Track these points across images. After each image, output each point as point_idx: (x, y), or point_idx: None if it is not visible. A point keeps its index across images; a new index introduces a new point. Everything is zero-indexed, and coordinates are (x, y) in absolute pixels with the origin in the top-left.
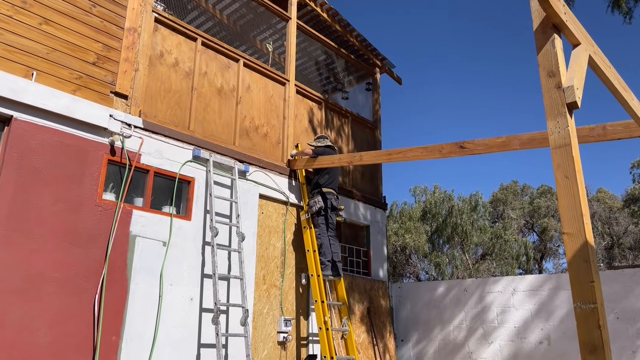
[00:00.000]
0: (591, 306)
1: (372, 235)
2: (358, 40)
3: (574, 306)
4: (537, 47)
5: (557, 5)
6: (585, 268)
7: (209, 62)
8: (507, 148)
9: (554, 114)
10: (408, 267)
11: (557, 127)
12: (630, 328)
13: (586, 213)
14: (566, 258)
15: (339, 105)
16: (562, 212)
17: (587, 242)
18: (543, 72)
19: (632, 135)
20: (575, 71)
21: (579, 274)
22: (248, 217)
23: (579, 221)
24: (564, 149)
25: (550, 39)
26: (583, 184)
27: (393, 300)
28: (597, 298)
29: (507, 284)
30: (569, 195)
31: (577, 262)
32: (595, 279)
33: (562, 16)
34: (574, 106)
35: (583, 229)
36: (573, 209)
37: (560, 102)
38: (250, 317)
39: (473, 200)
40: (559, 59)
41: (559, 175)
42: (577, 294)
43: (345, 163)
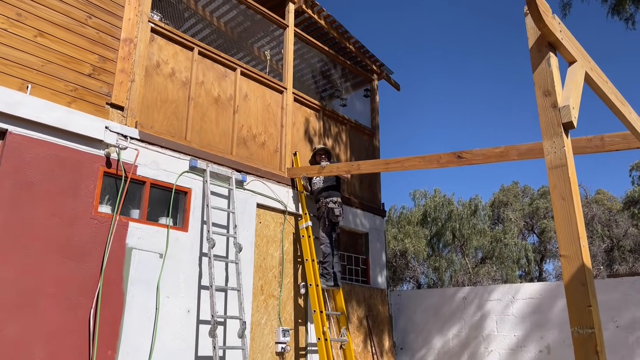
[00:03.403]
0: (589, 331)
1: (371, 242)
2: (355, 47)
3: (572, 330)
4: (533, 66)
5: (552, 24)
6: (583, 292)
7: (206, 71)
8: (505, 158)
9: (549, 134)
10: (408, 272)
11: (553, 147)
12: (630, 337)
13: (583, 235)
14: (563, 281)
15: (337, 113)
16: (559, 234)
17: (584, 265)
18: (539, 90)
19: (630, 146)
20: (571, 90)
21: (576, 298)
22: (246, 227)
23: (576, 244)
24: (560, 170)
25: (546, 58)
26: (580, 205)
27: (392, 308)
28: (594, 323)
29: (505, 291)
30: (565, 217)
31: (574, 286)
32: (592, 303)
33: (557, 34)
34: (570, 126)
35: (580, 252)
36: (569, 231)
37: (556, 121)
38: (248, 328)
39: (473, 204)
40: (554, 77)
41: (555, 196)
42: (574, 318)
43: (344, 172)
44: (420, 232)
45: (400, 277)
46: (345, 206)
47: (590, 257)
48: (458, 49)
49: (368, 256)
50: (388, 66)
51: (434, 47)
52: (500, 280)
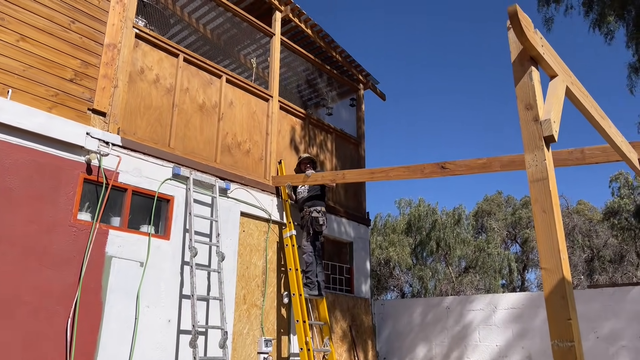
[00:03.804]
0: (568, 344)
1: (355, 251)
2: (342, 56)
3: (552, 343)
4: (515, 79)
5: (534, 39)
6: (563, 305)
7: (191, 78)
8: (488, 170)
9: (531, 147)
10: (392, 281)
11: (534, 161)
12: (611, 348)
13: (563, 249)
14: (544, 294)
15: (322, 121)
16: (540, 247)
17: (564, 278)
18: (521, 104)
19: (610, 159)
20: (553, 104)
21: (556, 311)
22: (229, 236)
23: (556, 257)
24: (541, 183)
25: (528, 72)
26: (560, 219)
27: (376, 317)
28: (574, 336)
29: (488, 301)
30: (546, 230)
31: (555, 299)
32: (572, 316)
33: (539, 49)
34: (551, 140)
35: (560, 265)
36: (550, 244)
37: (537, 135)
38: (229, 338)
39: (456, 213)
40: (536, 91)
41: (537, 209)
42: (554, 331)
43: (329, 181)
44: (405, 240)
45: (384, 286)
46: (330, 215)
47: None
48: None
49: (352, 265)
50: (374, 76)
51: (420, 58)
52: (484, 290)
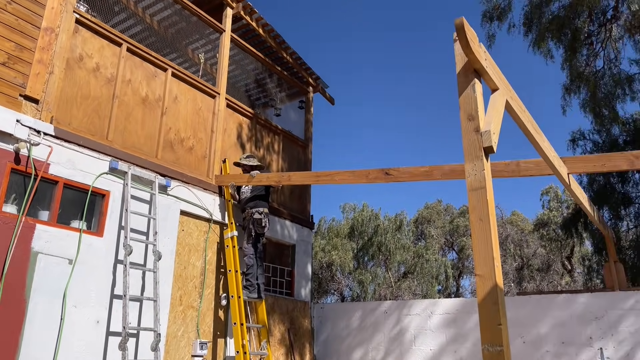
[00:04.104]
0: (498, 349)
1: (297, 254)
2: (293, 58)
3: (482, 348)
4: (459, 90)
5: (478, 52)
6: (495, 311)
7: (134, 69)
8: (430, 177)
9: (471, 157)
10: (333, 284)
11: (474, 170)
12: (536, 353)
13: (497, 257)
14: (477, 299)
15: (270, 122)
16: (475, 254)
17: (497, 285)
18: (463, 114)
19: (543, 173)
20: (493, 116)
21: (488, 316)
22: (167, 235)
23: (490, 264)
24: (479, 192)
25: (471, 84)
26: (495, 228)
27: (315, 321)
28: (503, 341)
29: (425, 307)
30: (482, 238)
31: (487, 305)
32: (502, 322)
33: (482, 62)
34: (490, 150)
35: (494, 272)
36: (485, 252)
37: (477, 145)
38: (162, 340)
39: (398, 219)
40: (478, 103)
41: (474, 218)
42: (485, 335)
43: (274, 182)
44: (348, 244)
45: (325, 289)
46: (274, 217)
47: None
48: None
49: (294, 268)
50: (324, 80)
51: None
52: (421, 295)
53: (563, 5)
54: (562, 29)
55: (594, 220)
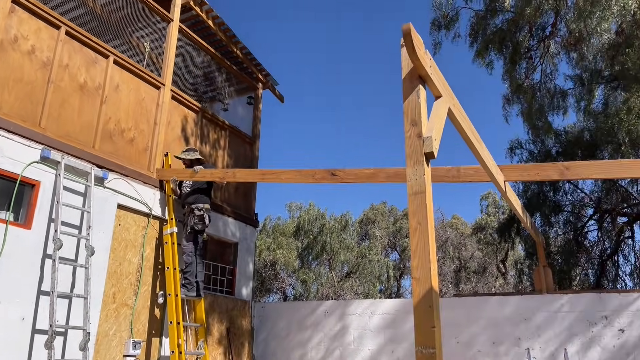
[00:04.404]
0: (431, 351)
1: (240, 253)
2: (243, 53)
3: (416, 350)
4: (404, 96)
5: (424, 59)
6: (429, 313)
7: (73, 54)
8: (375, 180)
9: (413, 162)
10: (276, 283)
11: (414, 174)
12: (468, 352)
13: (434, 260)
14: (413, 302)
15: (217, 117)
16: (413, 257)
17: (432, 288)
18: (407, 119)
19: (481, 179)
20: (435, 123)
21: (423, 319)
22: (102, 229)
23: (427, 268)
24: (419, 196)
25: (416, 90)
26: (433, 232)
27: (255, 320)
28: (436, 343)
29: (366, 307)
30: (420, 242)
31: (422, 308)
32: (436, 325)
33: (427, 69)
34: (431, 156)
35: (430, 276)
36: (422, 255)
37: (419, 150)
38: (92, 339)
39: (344, 219)
40: (421, 109)
41: (413, 221)
42: (419, 338)
43: (218, 179)
44: (293, 243)
45: (268, 288)
46: (217, 214)
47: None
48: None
49: (236, 267)
50: (275, 77)
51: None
52: (362, 295)
53: (506, 19)
54: (504, 42)
55: (526, 226)
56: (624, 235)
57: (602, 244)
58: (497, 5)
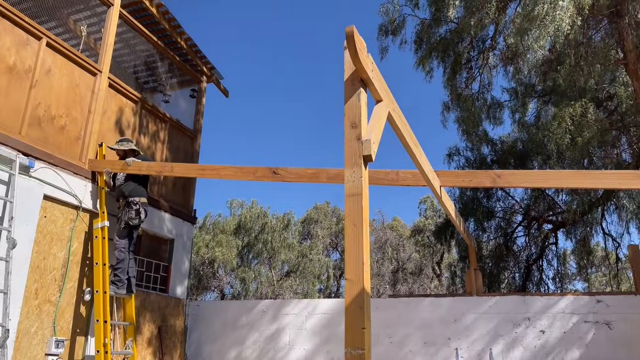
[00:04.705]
0: (359, 352)
1: (175, 249)
2: (187, 44)
3: (345, 351)
4: (345, 98)
5: (366, 62)
6: (360, 315)
7: (3, 34)
8: (316, 180)
9: (351, 164)
10: (214, 281)
11: (352, 176)
12: (400, 352)
13: (367, 262)
14: (345, 303)
15: (158, 108)
16: (347, 259)
17: (364, 289)
18: (347, 121)
19: (418, 183)
20: (374, 126)
21: (353, 320)
22: (26, 221)
23: (360, 269)
24: (355, 198)
25: (357, 92)
26: (368, 234)
27: (189, 319)
28: (365, 344)
29: (304, 306)
30: (354, 243)
31: (354, 309)
32: (366, 326)
33: (369, 73)
34: (369, 159)
35: (363, 277)
36: (356, 257)
37: (358, 153)
38: (12, 337)
39: (286, 218)
40: (362, 112)
41: (348, 223)
42: (349, 339)
43: (154, 172)
44: (233, 241)
45: (205, 286)
46: (153, 209)
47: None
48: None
49: (171, 264)
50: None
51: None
52: (302, 294)
53: (450, 30)
54: (447, 51)
55: (459, 230)
56: (548, 242)
57: (528, 249)
58: (442, 16)
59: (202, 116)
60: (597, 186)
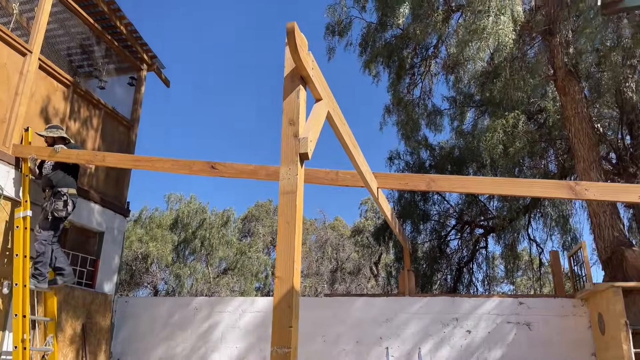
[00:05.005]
0: (285, 350)
1: (105, 243)
2: (127, 30)
3: (271, 350)
4: (284, 94)
5: (306, 60)
6: (288, 313)
7: None
8: (255, 176)
9: (287, 161)
10: (147, 277)
11: (288, 174)
12: (333, 351)
13: (298, 261)
14: (273, 301)
15: (92, 94)
16: (278, 256)
17: (293, 288)
18: (285, 118)
19: (356, 184)
20: (313, 124)
21: (281, 318)
22: None
23: (291, 267)
24: (290, 196)
25: (296, 89)
26: (301, 232)
27: (116, 315)
28: (292, 343)
29: (238, 304)
30: (286, 241)
31: (282, 307)
32: (293, 324)
33: (309, 70)
34: (305, 157)
35: (293, 276)
36: (287, 255)
37: (294, 150)
38: None
39: (225, 215)
40: (300, 109)
41: (282, 220)
42: (276, 337)
43: (84, 161)
44: (169, 236)
45: (137, 281)
46: (82, 199)
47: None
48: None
49: (99, 258)
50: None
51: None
52: (238, 292)
53: (395, 35)
54: (392, 56)
55: (395, 231)
56: (479, 245)
57: (460, 252)
58: (389, 21)
59: (141, 106)
60: (524, 194)
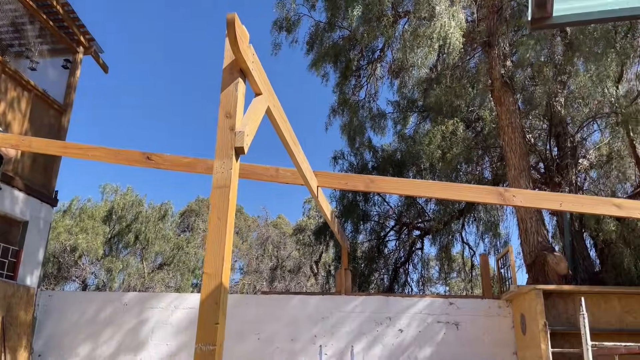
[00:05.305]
0: (210, 348)
1: (29, 233)
2: (64, 9)
3: (195, 347)
4: (222, 86)
5: (246, 52)
6: (215, 310)
7: None
8: (193, 170)
9: (222, 154)
10: (75, 270)
11: (222, 168)
12: (267, 349)
13: (228, 257)
14: (201, 297)
15: (21, 74)
16: (207, 252)
17: (222, 284)
18: (222, 111)
19: (296, 182)
20: (250, 118)
21: (207, 315)
22: None
23: (220, 263)
24: (222, 190)
25: (235, 82)
26: (232, 228)
27: (39, 310)
28: (217, 340)
29: (171, 300)
30: (217, 237)
31: (209, 303)
32: (220, 321)
33: (249, 64)
34: (241, 151)
35: (221, 272)
36: (217, 251)
37: (230, 144)
38: None
39: (163, 209)
40: (238, 102)
41: (213, 215)
42: (201, 335)
43: (8, 145)
44: (101, 229)
45: (65, 275)
46: (5, 186)
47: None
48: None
49: (22, 248)
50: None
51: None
52: (174, 288)
53: (343, 36)
54: (339, 57)
55: (334, 230)
56: (415, 247)
57: (398, 253)
58: (337, 22)
59: (75, 90)
60: (457, 198)
